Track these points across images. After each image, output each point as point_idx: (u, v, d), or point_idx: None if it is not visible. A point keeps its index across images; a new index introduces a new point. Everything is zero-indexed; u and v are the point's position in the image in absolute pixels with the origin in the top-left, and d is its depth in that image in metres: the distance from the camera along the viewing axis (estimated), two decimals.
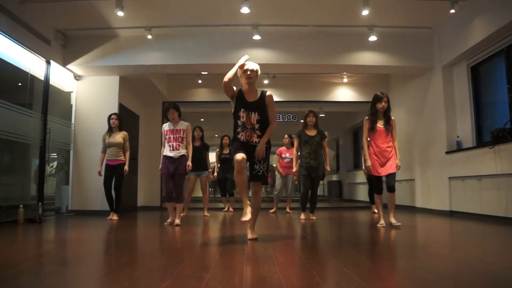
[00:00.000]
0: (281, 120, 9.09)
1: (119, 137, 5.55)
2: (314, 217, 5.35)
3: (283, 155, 6.85)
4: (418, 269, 2.19)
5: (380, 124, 4.30)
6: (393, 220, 4.29)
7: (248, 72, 3.37)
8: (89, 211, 6.27)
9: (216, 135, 11.58)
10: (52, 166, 6.69)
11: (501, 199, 4.78)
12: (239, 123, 3.35)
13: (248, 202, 3.26)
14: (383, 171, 4.26)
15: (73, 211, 6.36)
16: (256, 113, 3.33)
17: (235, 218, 5.82)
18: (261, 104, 3.37)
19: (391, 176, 4.25)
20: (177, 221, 4.69)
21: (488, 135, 5.19)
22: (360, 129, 10.73)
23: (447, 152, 6.11)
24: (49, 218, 5.63)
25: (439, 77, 6.38)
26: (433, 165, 6.52)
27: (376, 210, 6.76)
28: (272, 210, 6.86)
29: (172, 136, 4.76)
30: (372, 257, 2.75)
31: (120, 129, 5.62)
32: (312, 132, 5.34)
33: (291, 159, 6.55)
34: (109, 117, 5.63)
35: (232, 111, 3.41)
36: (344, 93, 8.66)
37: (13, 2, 4.91)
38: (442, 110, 6.30)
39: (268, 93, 3.44)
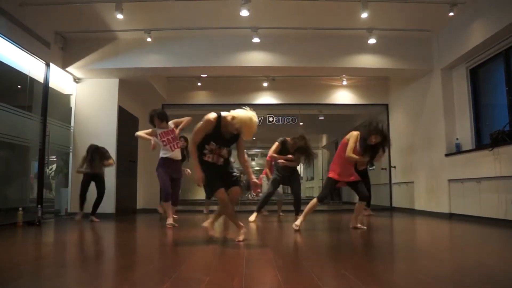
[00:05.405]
0: (280, 122, 9.10)
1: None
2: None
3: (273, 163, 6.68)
4: (417, 272, 2.19)
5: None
6: (358, 224, 4.44)
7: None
8: (88, 214, 6.25)
9: None
10: (51, 169, 6.68)
11: (501, 201, 4.78)
12: (207, 148, 3.24)
13: (241, 224, 3.41)
14: (345, 178, 4.22)
15: (73, 213, 6.35)
16: (227, 148, 3.30)
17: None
18: (234, 141, 3.30)
19: (360, 184, 4.28)
20: (170, 220, 4.76)
21: (487, 138, 5.19)
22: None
23: (446, 155, 6.11)
24: (49, 221, 5.62)
25: (438, 79, 6.39)
26: (432, 167, 6.52)
27: (369, 213, 6.72)
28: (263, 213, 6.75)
29: (170, 137, 4.83)
30: (371, 260, 2.75)
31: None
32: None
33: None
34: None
35: (200, 137, 3.19)
36: (343, 96, 8.67)
37: (13, 5, 4.92)
38: (441, 113, 6.31)
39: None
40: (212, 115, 3.17)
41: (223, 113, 3.19)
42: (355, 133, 4.21)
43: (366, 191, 4.33)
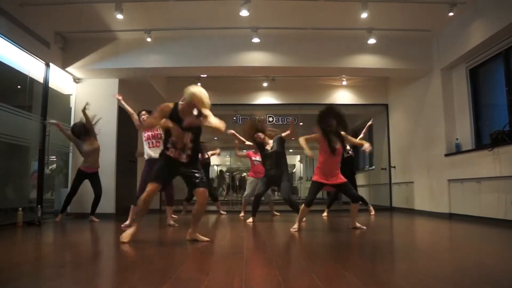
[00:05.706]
0: (280, 122, 9.08)
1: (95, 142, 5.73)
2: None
3: (253, 158, 6.47)
4: (417, 272, 2.19)
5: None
6: (357, 224, 4.43)
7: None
8: (88, 214, 6.25)
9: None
10: (50, 169, 6.67)
11: (501, 201, 4.78)
12: (170, 140, 3.24)
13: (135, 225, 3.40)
14: (330, 180, 4.20)
15: (72, 214, 6.35)
16: (191, 132, 3.22)
17: (233, 220, 5.81)
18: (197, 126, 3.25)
19: (348, 187, 4.26)
20: (172, 222, 4.96)
21: (487, 138, 5.19)
22: (359, 131, 10.73)
23: (446, 155, 6.11)
24: (48, 221, 5.62)
25: (438, 79, 6.39)
26: (432, 167, 6.52)
27: (372, 212, 6.73)
28: (241, 214, 6.54)
29: (150, 134, 4.94)
30: (372, 260, 2.75)
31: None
32: (268, 145, 5.23)
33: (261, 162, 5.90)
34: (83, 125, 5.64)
35: (157, 119, 3.24)
36: (343, 96, 8.67)
37: (12, 5, 4.92)
38: (441, 113, 6.31)
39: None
40: (169, 103, 3.31)
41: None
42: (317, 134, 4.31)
43: (356, 193, 4.37)
